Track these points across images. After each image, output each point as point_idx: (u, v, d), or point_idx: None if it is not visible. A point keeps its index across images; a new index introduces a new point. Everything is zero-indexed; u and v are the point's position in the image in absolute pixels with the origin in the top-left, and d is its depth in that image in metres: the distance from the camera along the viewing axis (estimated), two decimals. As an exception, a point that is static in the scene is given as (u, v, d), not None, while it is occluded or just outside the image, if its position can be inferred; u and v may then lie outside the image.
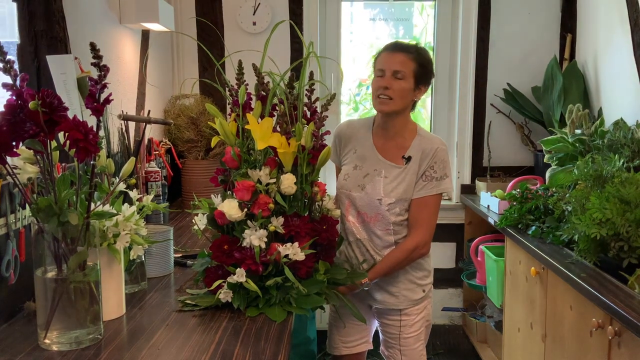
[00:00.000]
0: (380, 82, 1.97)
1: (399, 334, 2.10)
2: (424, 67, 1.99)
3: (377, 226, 2.02)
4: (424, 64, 1.99)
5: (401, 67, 1.95)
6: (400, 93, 1.96)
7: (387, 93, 1.95)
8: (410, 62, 1.96)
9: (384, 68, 1.97)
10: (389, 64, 1.96)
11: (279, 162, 1.74)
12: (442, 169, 2.00)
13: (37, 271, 1.36)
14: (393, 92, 1.95)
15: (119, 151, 2.31)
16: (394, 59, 1.96)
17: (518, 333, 2.60)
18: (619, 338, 1.68)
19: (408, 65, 1.95)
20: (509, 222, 2.62)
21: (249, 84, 1.79)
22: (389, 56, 1.98)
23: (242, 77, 1.78)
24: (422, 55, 2.00)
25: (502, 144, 3.58)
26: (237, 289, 1.61)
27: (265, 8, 3.40)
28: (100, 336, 1.41)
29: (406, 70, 1.95)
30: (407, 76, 1.95)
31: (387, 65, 1.96)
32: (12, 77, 1.25)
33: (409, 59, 1.96)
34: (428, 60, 2.02)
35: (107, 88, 1.36)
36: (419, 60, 1.98)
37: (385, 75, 1.96)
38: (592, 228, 1.90)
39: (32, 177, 1.38)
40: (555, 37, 3.50)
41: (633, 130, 2.46)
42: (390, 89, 1.95)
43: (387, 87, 1.95)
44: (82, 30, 2.18)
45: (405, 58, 1.96)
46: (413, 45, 2.02)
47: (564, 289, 2.05)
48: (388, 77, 1.95)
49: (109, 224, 1.51)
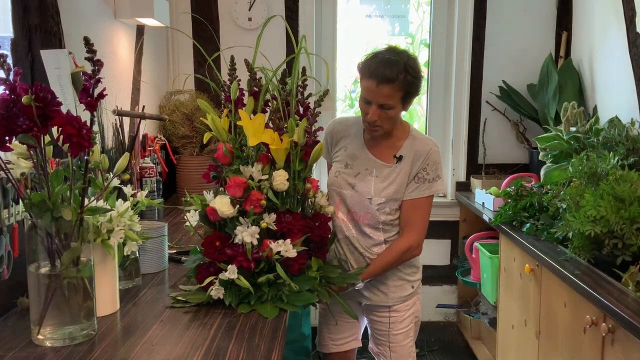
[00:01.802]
0: (368, 112, 1.90)
1: (388, 331, 2.10)
2: (412, 88, 1.89)
3: (367, 224, 2.02)
4: (411, 84, 1.87)
5: (387, 101, 1.86)
6: (389, 120, 1.92)
7: (377, 124, 1.92)
8: (397, 92, 1.86)
9: (370, 99, 1.88)
10: (375, 96, 1.87)
11: (271, 158, 1.74)
12: (435, 170, 2.00)
13: (31, 267, 1.36)
14: (382, 122, 1.92)
15: (113, 147, 2.31)
16: (380, 93, 1.85)
17: (512, 330, 2.61)
18: (612, 335, 1.69)
19: (395, 96, 1.86)
20: (503, 220, 2.62)
21: (243, 80, 1.78)
22: (374, 88, 1.85)
23: (234, 72, 1.78)
24: (408, 76, 1.85)
25: (497, 141, 3.58)
26: (228, 286, 1.61)
27: (261, 4, 3.39)
28: (94, 332, 1.41)
29: (394, 102, 1.87)
30: (395, 105, 1.88)
31: (373, 98, 1.87)
32: (5, 72, 1.24)
33: (394, 89, 1.85)
34: (415, 76, 1.88)
35: (101, 83, 1.35)
36: (406, 85, 1.85)
37: (372, 106, 1.89)
38: (587, 225, 1.90)
39: (25, 172, 1.38)
40: (550, 35, 3.51)
41: (628, 128, 2.47)
42: (378, 119, 1.90)
43: (375, 120, 1.90)
44: (77, 24, 2.16)
45: (391, 91, 1.85)
46: (399, 67, 1.84)
47: (558, 286, 2.05)
48: (375, 110, 1.88)
49: (103, 220, 1.51)
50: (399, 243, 2.01)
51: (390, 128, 1.98)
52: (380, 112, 1.89)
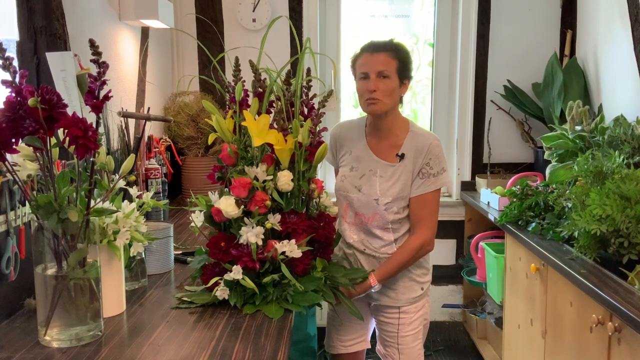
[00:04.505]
0: (366, 85, 1.95)
1: (397, 332, 2.10)
2: (405, 62, 1.99)
3: (376, 226, 2.02)
4: (404, 59, 1.99)
5: (384, 67, 1.94)
6: (387, 92, 1.95)
7: (375, 95, 1.94)
8: (392, 60, 1.95)
9: (367, 70, 1.95)
10: (371, 65, 1.95)
11: (276, 159, 1.74)
12: (439, 164, 2.00)
13: (37, 268, 1.36)
14: (381, 93, 1.94)
15: (118, 148, 2.31)
16: (376, 59, 1.95)
17: (518, 329, 2.61)
18: (618, 334, 1.69)
19: (390, 63, 1.95)
20: (509, 219, 2.62)
21: (247, 81, 1.78)
22: (370, 58, 1.96)
23: (238, 73, 1.78)
24: (401, 50, 1.99)
25: (502, 140, 3.57)
26: (233, 286, 1.61)
27: (265, 5, 3.40)
28: (100, 333, 1.41)
29: (390, 69, 1.94)
30: (391, 74, 1.95)
31: (370, 67, 1.94)
32: (11, 74, 1.25)
33: (390, 57, 1.95)
34: (407, 55, 2.01)
35: (106, 85, 1.36)
36: (400, 56, 1.97)
37: (370, 78, 1.94)
38: (592, 224, 1.90)
39: (31, 174, 1.38)
40: (555, 34, 3.50)
41: (633, 127, 2.46)
42: (377, 90, 1.94)
43: (374, 90, 1.94)
44: (82, 27, 2.17)
45: (386, 57, 1.95)
46: (390, 42, 2.01)
47: (564, 285, 2.05)
48: (373, 79, 1.94)
49: (109, 221, 1.51)
50: (412, 241, 2.01)
51: (388, 108, 1.98)
52: (378, 82, 1.93)
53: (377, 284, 1.97)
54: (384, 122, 2.02)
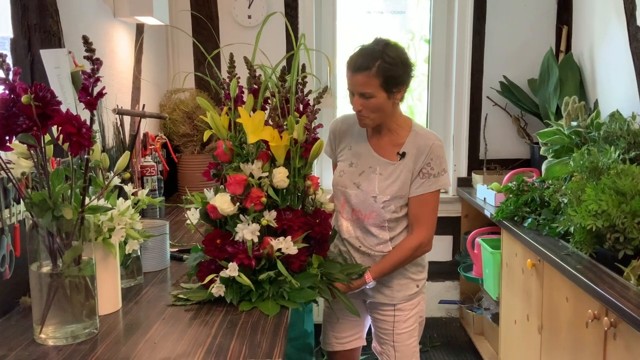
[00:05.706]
0: (352, 102, 1.94)
1: (392, 330, 2.10)
2: (391, 75, 1.86)
3: (372, 224, 2.01)
4: (390, 72, 1.86)
5: (365, 89, 1.87)
6: (373, 109, 1.91)
7: (362, 114, 1.93)
8: (373, 79, 1.85)
9: (351, 89, 1.92)
10: (353, 85, 1.90)
11: (271, 155, 1.74)
12: (440, 165, 1.98)
13: (32, 266, 1.36)
14: (366, 111, 1.92)
15: (113, 145, 2.31)
16: (355, 81, 1.88)
17: (514, 325, 2.61)
18: (614, 329, 1.69)
19: (371, 83, 1.86)
20: (505, 215, 2.62)
21: (242, 77, 1.78)
22: (351, 77, 1.90)
23: (233, 70, 1.78)
24: (384, 63, 1.85)
25: (498, 136, 3.58)
26: (229, 283, 1.61)
27: (260, 1, 3.38)
28: (96, 330, 1.41)
29: (371, 89, 1.87)
30: (375, 93, 1.87)
31: (352, 87, 1.91)
32: (4, 71, 1.24)
33: (370, 76, 1.85)
34: (394, 66, 1.86)
35: (100, 81, 1.35)
36: (382, 71, 1.85)
37: (355, 97, 1.92)
38: (588, 220, 1.90)
39: (26, 171, 1.38)
40: (551, 29, 3.50)
41: (629, 122, 2.47)
42: (363, 109, 1.92)
43: (360, 110, 1.92)
44: (76, 23, 2.16)
45: (366, 78, 1.85)
46: (373, 55, 1.85)
47: (560, 280, 2.05)
48: (357, 99, 1.91)
49: (104, 218, 1.51)
50: (410, 240, 2.00)
51: (381, 120, 1.96)
52: (362, 101, 1.90)
53: (372, 280, 1.97)
54: (382, 123, 2.01)
